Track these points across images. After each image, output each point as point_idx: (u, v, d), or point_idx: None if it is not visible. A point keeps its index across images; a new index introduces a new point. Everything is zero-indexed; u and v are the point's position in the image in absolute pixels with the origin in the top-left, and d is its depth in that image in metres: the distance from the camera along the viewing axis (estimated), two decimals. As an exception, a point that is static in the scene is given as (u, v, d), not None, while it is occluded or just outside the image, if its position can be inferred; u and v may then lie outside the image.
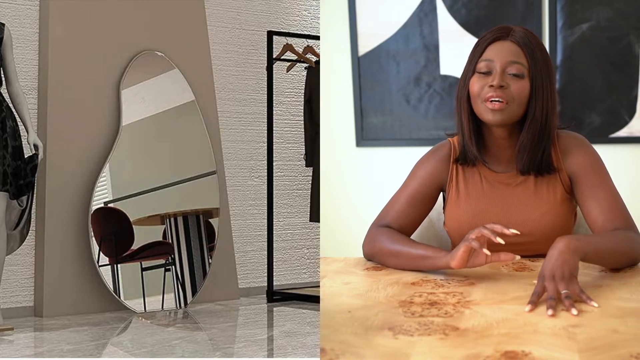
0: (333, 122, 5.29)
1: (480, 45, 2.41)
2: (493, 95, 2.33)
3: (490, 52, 2.38)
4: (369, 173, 5.26)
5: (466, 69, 2.43)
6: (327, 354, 1.62)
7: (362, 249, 2.53)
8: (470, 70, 2.41)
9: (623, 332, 1.69)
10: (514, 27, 2.42)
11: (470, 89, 2.39)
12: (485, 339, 1.67)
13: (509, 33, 2.40)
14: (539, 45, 2.41)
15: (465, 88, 2.42)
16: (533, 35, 2.42)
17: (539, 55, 2.38)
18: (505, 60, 2.36)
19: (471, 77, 2.40)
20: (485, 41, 2.41)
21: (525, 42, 2.38)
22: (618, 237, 2.24)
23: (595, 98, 4.88)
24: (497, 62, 2.36)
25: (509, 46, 2.37)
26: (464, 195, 2.50)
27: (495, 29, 2.43)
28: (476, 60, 2.39)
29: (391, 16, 5.08)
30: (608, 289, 2.03)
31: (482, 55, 2.39)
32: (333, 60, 5.25)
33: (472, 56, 2.43)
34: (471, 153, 2.46)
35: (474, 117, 2.43)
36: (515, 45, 2.37)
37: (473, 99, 2.39)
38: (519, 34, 2.39)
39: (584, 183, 2.41)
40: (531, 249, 2.46)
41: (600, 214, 2.35)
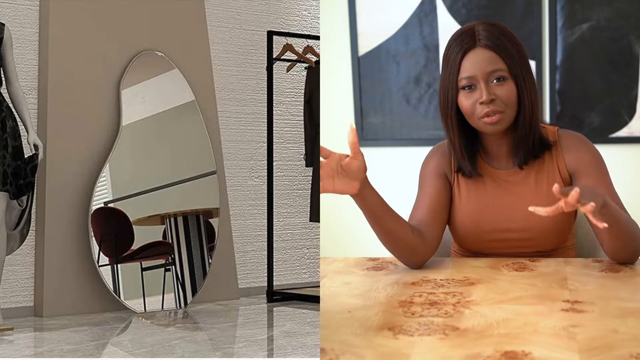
0: (333, 122, 5.29)
1: (452, 60, 2.38)
2: (488, 112, 2.33)
3: (467, 66, 2.35)
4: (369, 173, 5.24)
5: (445, 85, 2.41)
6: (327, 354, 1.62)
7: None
8: (452, 87, 2.39)
9: (623, 332, 1.69)
10: (475, 27, 2.38)
11: (461, 107, 2.39)
12: (485, 339, 1.67)
13: (474, 37, 2.36)
14: (507, 35, 2.38)
15: (452, 105, 2.41)
16: (498, 27, 2.39)
17: (512, 49, 2.37)
18: (485, 72, 2.34)
19: (455, 94, 2.39)
20: (456, 55, 2.37)
21: (494, 42, 2.35)
22: (631, 221, 2.30)
23: (595, 98, 4.88)
24: (478, 75, 2.35)
25: (482, 54, 2.35)
26: (465, 193, 2.51)
27: (460, 35, 2.39)
28: (455, 78, 2.37)
29: (391, 16, 5.08)
30: (608, 289, 2.04)
31: (460, 71, 2.36)
32: (333, 60, 5.25)
33: (448, 72, 2.40)
34: (466, 169, 2.48)
35: (464, 132, 2.45)
36: (487, 51, 2.35)
37: (468, 116, 2.39)
38: (485, 34, 2.36)
39: (584, 179, 2.42)
40: (532, 245, 2.47)
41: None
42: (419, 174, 2.60)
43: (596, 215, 2.04)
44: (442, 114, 2.45)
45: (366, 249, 5.28)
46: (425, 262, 2.41)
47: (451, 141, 2.48)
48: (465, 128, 2.45)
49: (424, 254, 2.39)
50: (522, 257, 2.45)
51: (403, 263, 2.40)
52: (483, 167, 2.51)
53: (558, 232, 2.46)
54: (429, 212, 2.49)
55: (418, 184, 2.58)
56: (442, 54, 5.06)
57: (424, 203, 2.51)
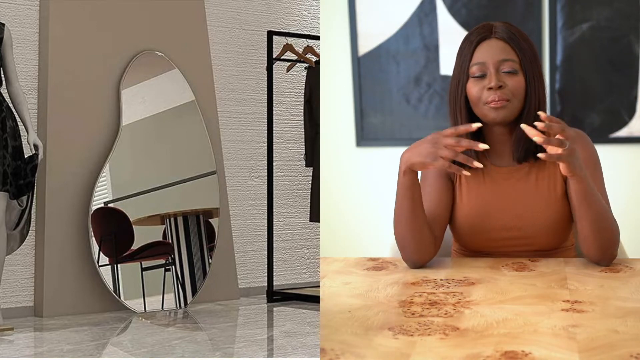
0: (333, 122, 5.29)
1: (467, 49, 2.44)
2: (495, 98, 2.37)
3: (480, 54, 2.41)
4: (369, 173, 5.26)
5: (457, 74, 2.46)
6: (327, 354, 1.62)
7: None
8: (464, 75, 2.43)
9: (623, 332, 1.69)
10: (494, 24, 2.45)
11: (469, 94, 2.42)
12: (485, 339, 1.67)
13: (491, 30, 2.43)
14: (522, 35, 2.44)
15: (462, 93, 2.44)
16: (514, 27, 2.45)
17: (525, 46, 2.42)
18: (497, 60, 2.39)
19: (466, 82, 2.43)
20: (471, 44, 2.43)
21: (510, 36, 2.41)
22: (610, 217, 2.33)
23: (595, 98, 4.88)
24: (489, 63, 2.39)
25: (496, 44, 2.41)
26: (467, 190, 2.51)
27: (477, 29, 2.46)
28: (467, 65, 2.42)
29: (391, 16, 5.08)
30: (608, 289, 2.04)
31: (472, 58, 2.42)
32: (333, 60, 5.24)
33: (461, 60, 2.45)
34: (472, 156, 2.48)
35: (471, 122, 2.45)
36: (501, 42, 2.41)
37: (474, 103, 2.42)
38: (502, 29, 2.43)
39: None
40: (532, 243, 2.48)
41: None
42: (421, 174, 2.60)
43: (559, 158, 2.12)
44: (451, 103, 2.48)
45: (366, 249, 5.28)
46: (427, 262, 2.41)
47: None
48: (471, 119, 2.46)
49: (430, 250, 2.41)
50: (522, 257, 2.45)
51: (408, 257, 2.40)
52: (485, 165, 2.52)
53: (558, 231, 2.47)
54: (431, 211, 2.49)
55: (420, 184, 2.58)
56: (442, 54, 5.08)
57: (426, 203, 2.51)
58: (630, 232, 4.35)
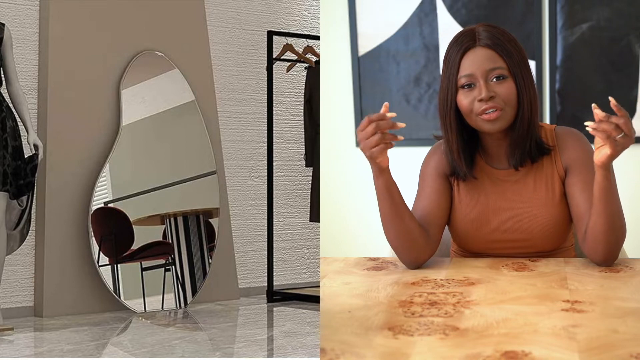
0: (333, 122, 5.29)
1: (452, 59, 2.40)
2: (486, 108, 2.34)
3: (466, 64, 2.37)
4: (369, 173, 5.26)
5: (445, 86, 2.42)
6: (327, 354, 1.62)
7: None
8: (452, 87, 2.40)
9: (623, 332, 1.69)
10: (476, 29, 2.40)
11: (460, 106, 2.39)
12: (485, 339, 1.67)
13: (475, 38, 2.38)
14: (507, 37, 2.40)
15: (451, 104, 2.41)
16: (498, 29, 2.41)
17: (511, 48, 2.38)
18: (484, 70, 2.35)
19: (455, 93, 2.39)
20: (456, 54, 2.39)
21: (494, 42, 2.37)
22: (621, 211, 2.35)
23: (595, 98, 4.88)
24: (477, 74, 2.36)
25: (481, 53, 2.36)
26: (465, 193, 2.51)
27: (460, 37, 2.41)
28: (455, 77, 2.39)
29: (391, 16, 5.08)
30: (608, 289, 2.04)
31: (459, 70, 2.38)
32: (333, 60, 5.25)
33: (448, 72, 2.41)
34: (461, 170, 2.48)
35: (462, 133, 2.45)
36: (487, 50, 2.36)
37: (466, 114, 2.39)
38: (485, 35, 2.38)
39: (577, 176, 2.44)
40: (530, 245, 2.47)
41: (588, 210, 2.38)
42: (419, 174, 2.60)
43: (612, 141, 2.15)
44: (441, 114, 2.45)
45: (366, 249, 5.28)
46: (424, 262, 2.41)
47: (448, 142, 2.47)
48: (463, 129, 2.45)
49: (425, 250, 2.40)
50: (522, 257, 2.45)
51: (403, 259, 2.40)
52: (483, 167, 2.51)
53: (557, 233, 2.46)
54: (428, 212, 2.49)
55: (418, 184, 2.58)
56: (442, 54, 5.08)
57: (423, 203, 2.51)
58: (630, 232, 4.34)
